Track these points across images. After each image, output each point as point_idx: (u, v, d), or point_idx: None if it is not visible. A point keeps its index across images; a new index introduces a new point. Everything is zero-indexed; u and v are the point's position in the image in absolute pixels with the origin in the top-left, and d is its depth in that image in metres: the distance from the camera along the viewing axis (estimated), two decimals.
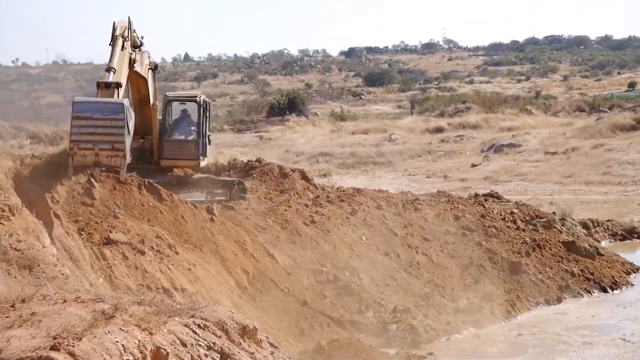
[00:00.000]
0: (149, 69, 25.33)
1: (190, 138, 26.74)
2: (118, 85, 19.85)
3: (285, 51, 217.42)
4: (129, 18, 22.02)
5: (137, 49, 22.92)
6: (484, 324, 23.34)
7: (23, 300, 9.21)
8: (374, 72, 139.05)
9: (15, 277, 11.25)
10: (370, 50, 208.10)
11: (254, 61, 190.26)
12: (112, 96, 19.35)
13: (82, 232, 18.43)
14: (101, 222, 19.58)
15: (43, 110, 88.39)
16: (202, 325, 9.94)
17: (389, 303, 22.87)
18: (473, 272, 26.15)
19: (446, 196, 31.59)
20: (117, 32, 21.42)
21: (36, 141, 34.31)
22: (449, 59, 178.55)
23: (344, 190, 30.60)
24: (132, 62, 22.27)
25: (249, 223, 24.71)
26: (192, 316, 10.05)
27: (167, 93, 28.41)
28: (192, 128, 26.90)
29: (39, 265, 12.09)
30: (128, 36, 21.63)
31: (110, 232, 19.01)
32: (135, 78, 25.03)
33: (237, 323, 10.49)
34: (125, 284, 17.27)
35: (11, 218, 13.09)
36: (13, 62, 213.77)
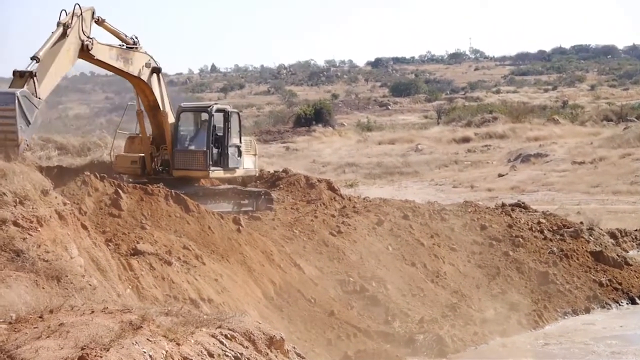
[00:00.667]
0: (152, 72, 25.31)
1: (198, 149, 26.60)
2: (32, 74, 19.89)
3: (312, 62, 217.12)
4: (78, 5, 21.94)
5: (90, 40, 22.44)
6: (511, 333, 23.24)
7: (51, 311, 9.26)
8: (400, 82, 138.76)
9: (43, 288, 11.30)
10: (396, 60, 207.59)
11: (281, 72, 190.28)
12: (22, 86, 19.50)
13: (110, 243, 18.50)
14: (128, 233, 19.65)
15: (70, 121, 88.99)
16: (229, 335, 9.95)
17: (416, 313, 22.82)
18: (500, 282, 26.05)
19: (473, 206, 31.53)
20: (61, 19, 21.52)
21: (64, 152, 34.50)
22: (476, 69, 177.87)
23: (370, 201, 30.60)
24: (84, 49, 22.16)
25: (275, 233, 24.73)
26: (219, 327, 10.06)
27: (182, 104, 28.34)
28: (203, 138, 26.70)
29: (67, 276, 12.15)
30: (72, 23, 21.53)
31: (138, 243, 19.07)
32: (136, 81, 25.23)
33: (264, 333, 10.50)
34: (153, 294, 17.31)
35: (39, 229, 13.15)
36: None
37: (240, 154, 27.37)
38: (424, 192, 42.59)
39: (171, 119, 26.44)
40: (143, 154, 26.78)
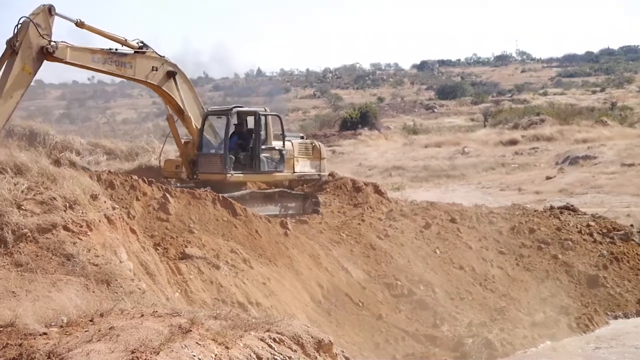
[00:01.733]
0: (167, 76, 25.31)
1: (216, 152, 26.53)
2: None
3: (357, 65, 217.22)
4: (24, 17, 21.93)
5: (55, 43, 22.34)
6: (561, 337, 23.06)
7: (101, 315, 9.32)
8: (446, 85, 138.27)
9: (93, 292, 11.38)
10: (442, 63, 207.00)
11: (326, 75, 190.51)
12: None
13: (158, 247, 18.60)
14: (176, 237, 19.75)
15: (118, 126, 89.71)
16: (277, 339, 9.95)
17: (464, 317, 22.72)
18: (549, 286, 25.88)
19: (521, 209, 31.31)
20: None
21: (112, 157, 34.69)
22: (522, 71, 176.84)
23: (417, 204, 30.49)
24: (45, 52, 22.09)
25: (322, 237, 24.73)
26: (268, 330, 10.06)
27: (209, 108, 28.25)
28: (228, 142, 26.56)
29: (117, 280, 12.23)
30: (20, 37, 21.64)
31: (186, 246, 19.17)
32: (149, 86, 25.41)
33: (312, 337, 10.48)
34: (201, 298, 17.38)
35: (89, 234, 13.25)
36: (89, 79, 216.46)
37: (282, 157, 27.17)
38: (471, 195, 42.30)
39: (197, 122, 26.43)
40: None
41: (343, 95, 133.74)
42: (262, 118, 26.86)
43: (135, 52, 24.54)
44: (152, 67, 24.91)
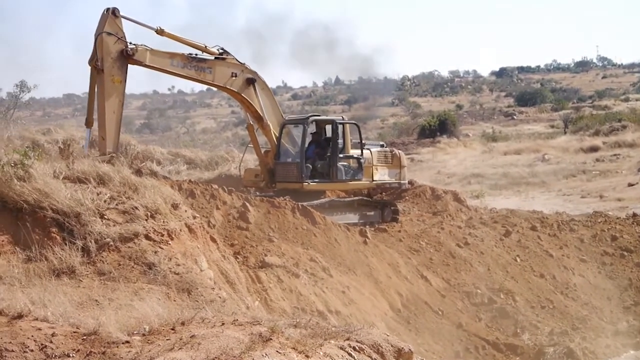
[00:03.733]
0: (247, 83, 25.37)
1: (293, 160, 26.51)
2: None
3: (436, 72, 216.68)
4: (100, 35, 22.13)
5: (134, 46, 22.66)
6: None
7: (183, 323, 9.39)
8: (525, 91, 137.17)
9: (174, 301, 11.49)
10: (521, 69, 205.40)
11: (404, 83, 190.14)
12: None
13: (238, 256, 18.72)
14: (256, 245, 19.85)
15: (198, 135, 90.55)
16: (357, 347, 9.92)
17: (546, 325, 22.50)
18: (632, 294, 25.51)
19: (603, 216, 30.91)
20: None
21: (192, 167, 35.02)
22: (603, 77, 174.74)
23: (497, 212, 30.30)
24: (126, 55, 22.32)
25: (401, 245, 24.67)
26: (348, 339, 10.05)
27: (286, 117, 28.24)
28: (307, 150, 26.53)
29: (197, 289, 12.33)
30: (100, 54, 21.94)
31: (265, 255, 19.25)
32: (228, 92, 25.59)
33: (392, 346, 10.44)
34: (281, 306, 17.44)
35: (170, 242, 13.39)
36: (169, 89, 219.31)
37: (360, 165, 27.09)
38: (552, 202, 41.85)
39: (276, 131, 26.48)
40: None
41: (421, 103, 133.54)
42: (340, 126, 26.85)
43: (215, 58, 24.71)
44: (232, 73, 25.03)
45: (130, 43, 22.44)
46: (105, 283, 11.84)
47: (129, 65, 22.68)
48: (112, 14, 22.20)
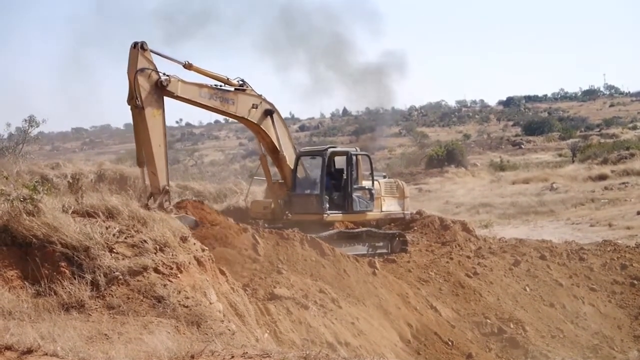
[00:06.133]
0: (265, 114, 25.38)
1: (312, 193, 26.56)
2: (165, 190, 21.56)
3: (443, 102, 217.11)
4: (135, 73, 21.60)
5: (167, 77, 22.27)
6: None
7: (192, 357, 9.39)
8: (533, 120, 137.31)
9: (184, 334, 11.47)
10: (529, 99, 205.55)
11: (412, 113, 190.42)
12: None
13: (247, 288, 18.70)
14: (265, 277, 19.84)
15: (206, 168, 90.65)
16: None
17: (556, 355, 22.41)
18: None
19: (612, 245, 30.88)
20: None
21: (201, 199, 35.09)
22: (611, 105, 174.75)
23: (506, 241, 30.29)
24: (160, 86, 21.97)
25: (411, 276, 24.66)
26: None
27: (300, 149, 28.35)
28: (324, 183, 26.62)
29: (207, 322, 12.31)
30: (139, 91, 21.57)
31: (275, 287, 19.23)
32: (247, 123, 25.51)
33: None
34: (290, 338, 17.40)
35: (179, 275, 13.38)
36: (177, 122, 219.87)
37: (372, 196, 27.29)
38: (560, 231, 41.82)
39: (291, 162, 26.55)
40: (271, 200, 27.13)
41: (429, 133, 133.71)
42: (353, 158, 27.02)
43: (235, 89, 24.73)
44: (253, 104, 25.08)
45: (164, 74, 22.21)
46: (114, 317, 11.83)
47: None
48: (140, 48, 21.72)
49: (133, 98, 21.52)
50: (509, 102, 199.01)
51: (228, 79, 24.55)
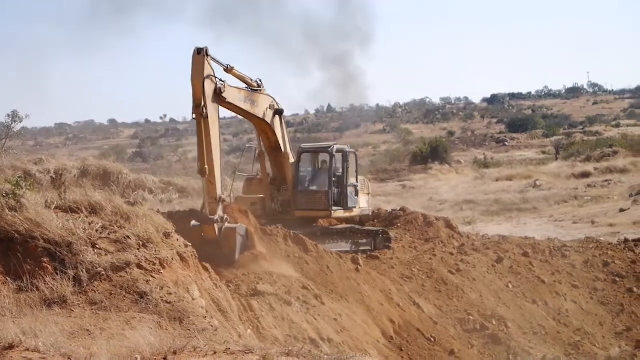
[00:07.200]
0: (275, 114, 25.24)
1: (320, 189, 26.64)
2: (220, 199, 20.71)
3: (427, 99, 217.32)
4: (209, 79, 20.51)
5: (222, 83, 21.17)
6: None
7: (175, 352, 9.39)
8: (517, 118, 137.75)
9: (166, 330, 11.46)
10: (513, 96, 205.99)
11: (396, 110, 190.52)
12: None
13: (230, 284, 18.68)
14: (248, 273, 19.81)
15: (190, 164, 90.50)
16: None
17: (538, 352, 22.48)
18: (625, 320, 25.53)
19: (594, 242, 31.00)
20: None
21: (184, 195, 35.05)
22: (594, 103, 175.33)
23: (489, 238, 30.36)
24: (218, 93, 20.94)
25: (394, 272, 24.69)
26: None
27: (301, 145, 28.37)
28: (325, 179, 26.75)
29: (189, 318, 12.30)
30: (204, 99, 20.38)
31: (258, 283, 19.21)
32: (259, 123, 25.06)
33: None
34: (273, 334, 17.39)
35: (162, 271, 13.37)
36: (161, 118, 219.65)
37: (357, 193, 27.45)
38: (543, 228, 41.92)
39: (291, 159, 26.54)
40: (262, 195, 26.98)
41: (413, 130, 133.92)
42: (348, 155, 27.14)
43: (252, 89, 24.29)
44: (269, 105, 24.84)
45: (220, 80, 21.18)
46: (96, 313, 11.81)
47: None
48: (206, 54, 20.46)
49: (199, 106, 20.35)
50: (493, 100, 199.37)
51: (251, 79, 24.27)
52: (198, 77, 20.20)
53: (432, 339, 21.44)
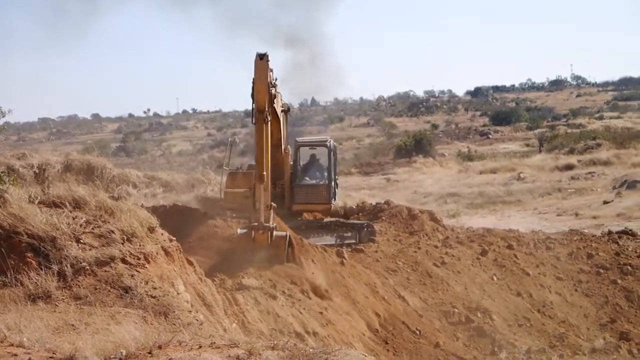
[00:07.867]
0: (282, 110, 25.07)
1: (320, 182, 26.74)
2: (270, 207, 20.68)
3: (411, 92, 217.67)
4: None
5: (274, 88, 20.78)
6: None
7: (160, 347, 9.36)
8: (500, 110, 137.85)
9: (151, 324, 11.43)
10: (496, 89, 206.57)
11: (380, 104, 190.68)
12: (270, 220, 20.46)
13: (215, 278, 18.66)
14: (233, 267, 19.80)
15: (174, 158, 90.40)
16: None
17: (523, 344, 22.53)
18: (609, 311, 25.60)
19: (578, 234, 31.07)
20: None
21: (169, 189, 34.97)
22: (578, 95, 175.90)
23: (473, 231, 30.39)
24: (273, 98, 20.70)
25: (379, 265, 24.71)
26: None
27: (297, 138, 28.37)
28: (322, 172, 26.91)
29: (174, 312, 12.28)
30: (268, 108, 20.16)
31: (243, 277, 19.19)
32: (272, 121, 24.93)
33: None
34: (258, 328, 17.37)
35: (147, 266, 13.33)
36: (145, 112, 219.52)
37: (337, 186, 27.63)
38: (528, 221, 41.97)
39: (290, 155, 26.55)
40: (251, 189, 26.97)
41: (397, 123, 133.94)
42: (336, 149, 27.31)
43: None
44: (283, 103, 24.49)
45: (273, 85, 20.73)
46: (81, 307, 11.77)
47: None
48: (267, 60, 19.88)
49: (263, 112, 19.94)
50: (476, 93, 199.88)
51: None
52: (262, 82, 19.77)
53: (418, 332, 21.47)
